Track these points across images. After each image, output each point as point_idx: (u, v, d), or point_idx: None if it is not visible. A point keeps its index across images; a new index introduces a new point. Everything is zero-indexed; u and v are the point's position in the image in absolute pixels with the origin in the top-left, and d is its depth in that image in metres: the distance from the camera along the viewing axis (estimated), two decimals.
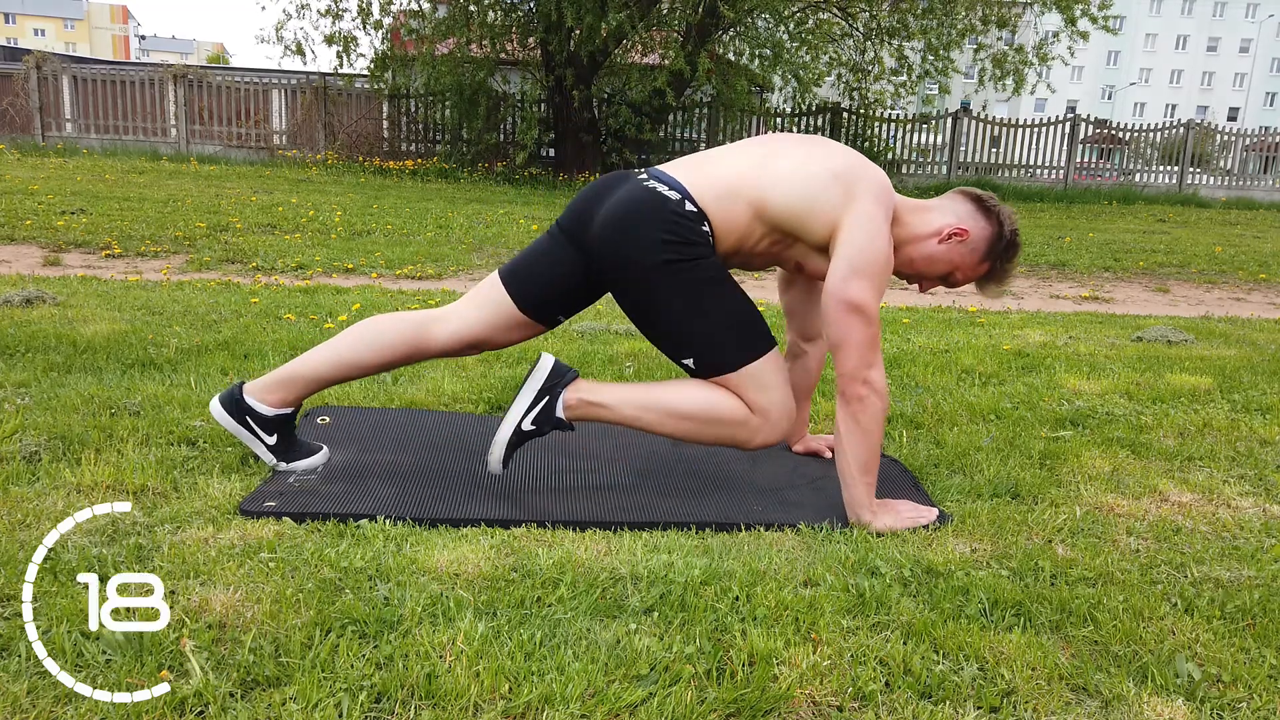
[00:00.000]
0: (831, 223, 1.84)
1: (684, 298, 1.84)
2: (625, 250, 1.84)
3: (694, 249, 1.83)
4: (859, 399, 1.81)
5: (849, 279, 1.80)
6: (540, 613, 1.39)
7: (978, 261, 1.97)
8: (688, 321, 1.86)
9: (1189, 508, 1.99)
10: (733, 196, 1.85)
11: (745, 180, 1.86)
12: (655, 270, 1.82)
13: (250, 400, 1.93)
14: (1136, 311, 5.24)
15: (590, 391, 1.92)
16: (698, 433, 1.91)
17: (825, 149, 1.92)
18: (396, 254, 5.78)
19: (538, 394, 1.91)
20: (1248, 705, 1.27)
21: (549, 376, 1.91)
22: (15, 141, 13.03)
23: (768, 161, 1.88)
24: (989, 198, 1.98)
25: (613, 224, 1.85)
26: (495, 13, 12.26)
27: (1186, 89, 63.88)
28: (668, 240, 1.81)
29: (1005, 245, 1.96)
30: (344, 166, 12.73)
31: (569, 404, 1.90)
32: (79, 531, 1.55)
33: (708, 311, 1.85)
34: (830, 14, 13.68)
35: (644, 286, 1.85)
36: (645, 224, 1.82)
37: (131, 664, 1.20)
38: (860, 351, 1.80)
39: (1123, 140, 15.92)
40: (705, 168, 1.91)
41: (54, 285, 3.99)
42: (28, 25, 76.49)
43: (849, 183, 1.85)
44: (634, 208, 1.84)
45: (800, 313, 2.22)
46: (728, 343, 1.87)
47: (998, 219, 1.95)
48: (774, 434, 1.90)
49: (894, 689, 1.26)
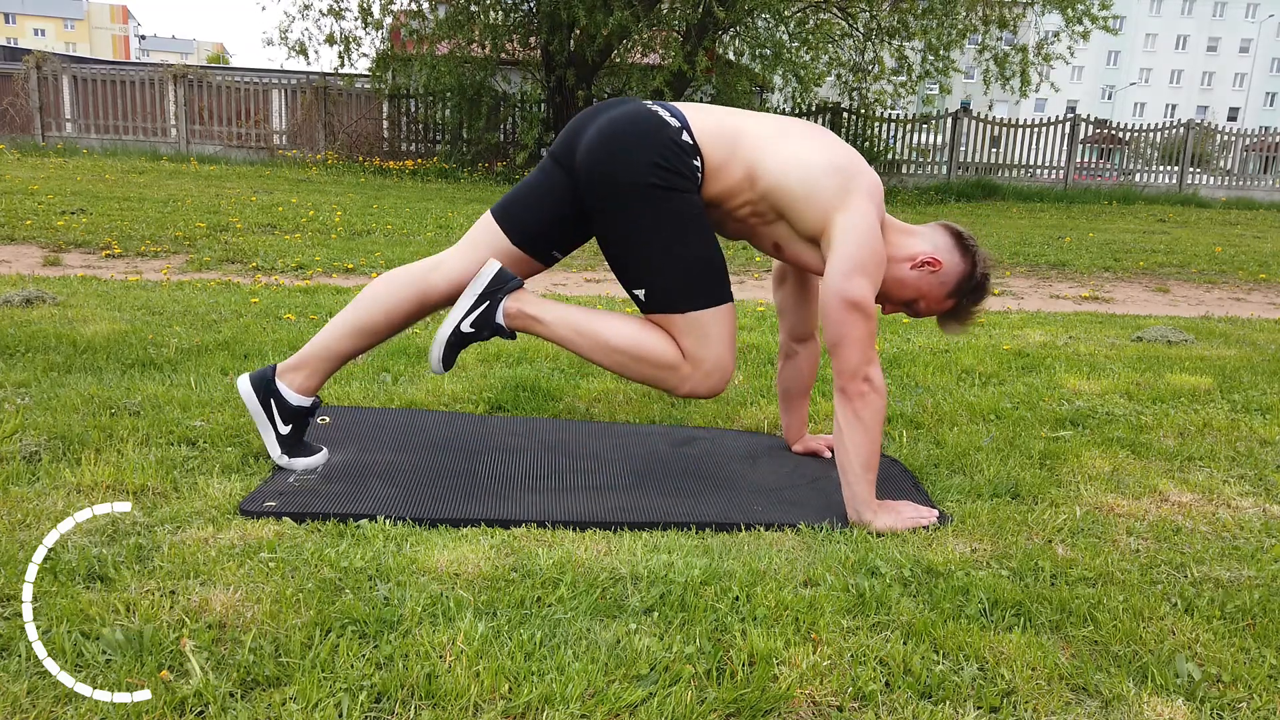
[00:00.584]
0: (824, 214, 1.85)
1: (657, 228, 1.83)
2: (611, 166, 1.82)
3: (682, 180, 1.82)
4: (860, 395, 1.82)
5: (849, 276, 1.81)
6: (540, 613, 1.39)
7: (944, 295, 1.99)
8: (653, 253, 1.85)
9: (1189, 508, 1.99)
10: (731, 148, 1.86)
11: (750, 141, 1.87)
12: (637, 191, 1.81)
13: (280, 384, 1.95)
14: (1136, 311, 5.24)
15: (531, 304, 1.92)
16: (625, 367, 1.92)
17: (832, 142, 1.93)
18: (396, 254, 5.78)
19: (479, 297, 1.90)
20: (1248, 705, 1.27)
21: (492, 281, 1.91)
22: (15, 141, 13.03)
23: (779, 136, 1.89)
24: (969, 237, 2.00)
25: (604, 139, 1.85)
26: (496, 13, 12.27)
27: (1186, 89, 63.88)
28: (658, 165, 1.80)
29: (974, 286, 1.98)
30: (344, 166, 12.74)
31: (509, 312, 1.91)
32: (79, 531, 1.55)
33: (676, 249, 1.84)
34: (830, 14, 13.69)
35: (621, 206, 1.84)
36: (638, 143, 1.82)
37: (131, 664, 1.20)
38: (860, 348, 1.81)
39: (1123, 140, 15.91)
40: (715, 113, 1.92)
41: (54, 285, 3.99)
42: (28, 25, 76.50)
43: (848, 178, 1.86)
44: (629, 126, 1.84)
45: (792, 312, 2.22)
46: (685, 284, 1.86)
47: (973, 259, 1.98)
48: (703, 385, 1.90)
49: (894, 689, 1.26)
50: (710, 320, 1.88)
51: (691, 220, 1.85)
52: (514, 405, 2.57)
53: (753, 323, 4.00)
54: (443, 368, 1.94)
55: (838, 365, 1.83)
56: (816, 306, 2.23)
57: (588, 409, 2.60)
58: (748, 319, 4.11)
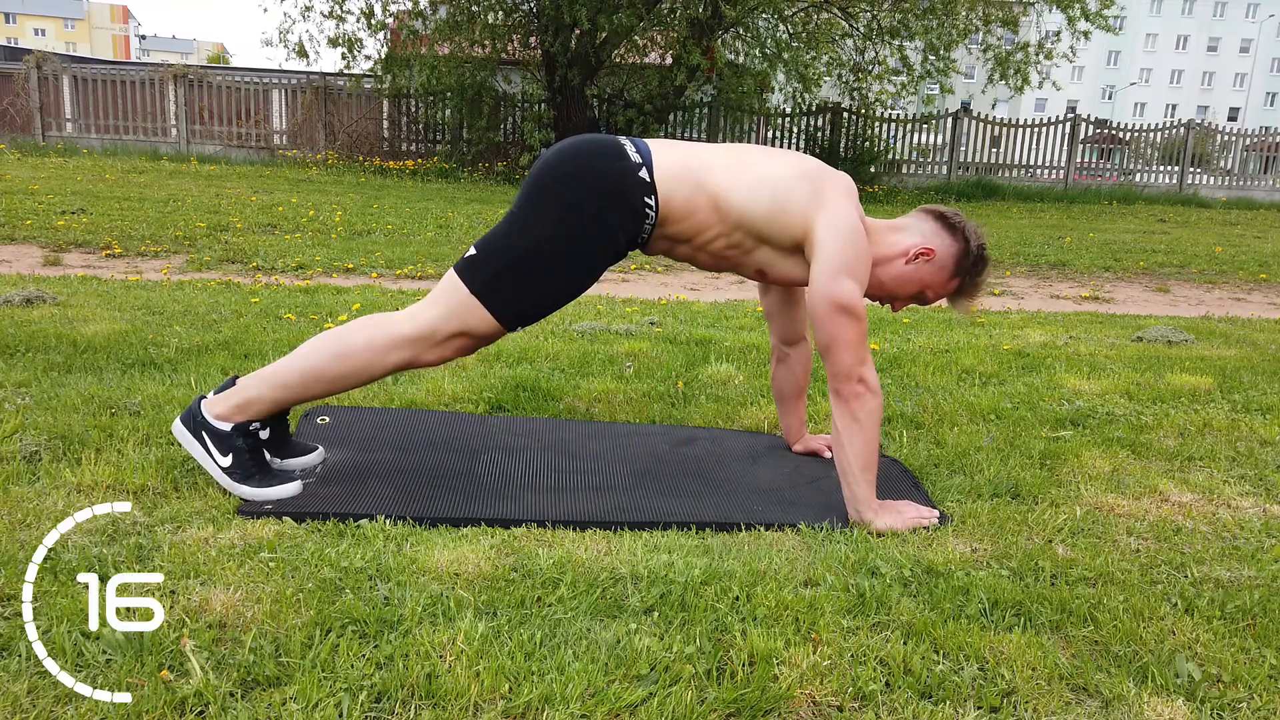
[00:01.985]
0: (803, 222, 1.85)
1: (540, 228, 1.79)
2: (554, 168, 1.82)
3: (612, 214, 1.79)
4: (856, 396, 1.82)
5: (836, 278, 1.81)
6: (540, 613, 1.39)
7: (947, 279, 1.98)
8: (514, 240, 1.81)
9: (1189, 508, 1.99)
10: (696, 185, 1.85)
11: (715, 175, 1.86)
12: (557, 198, 1.79)
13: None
14: (1137, 311, 5.24)
15: (233, 395, 1.84)
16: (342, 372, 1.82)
17: (796, 157, 1.94)
18: (397, 254, 5.78)
19: (199, 441, 1.82)
20: (1248, 705, 1.27)
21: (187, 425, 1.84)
22: (15, 141, 13.03)
23: (742, 166, 1.89)
24: (953, 215, 1.99)
25: (560, 150, 1.85)
26: (497, 13, 12.27)
27: (1187, 89, 63.87)
28: (596, 188, 1.79)
29: (973, 261, 1.97)
30: (344, 166, 12.74)
31: (220, 415, 1.82)
32: (79, 531, 1.55)
33: (533, 255, 1.80)
34: (831, 14, 13.69)
35: (535, 198, 1.81)
36: (590, 160, 1.82)
37: (131, 664, 1.20)
38: (853, 350, 1.81)
39: (1123, 140, 15.91)
40: (678, 150, 1.91)
41: (54, 285, 3.99)
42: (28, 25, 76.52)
43: (818, 181, 1.87)
44: (590, 145, 1.85)
45: (780, 317, 2.22)
46: (502, 277, 1.80)
47: (963, 235, 1.96)
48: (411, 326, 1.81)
49: (894, 689, 1.26)
50: (477, 316, 1.81)
51: (574, 253, 1.81)
52: (514, 405, 2.57)
53: (752, 323, 4.00)
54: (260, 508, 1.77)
55: (831, 368, 1.83)
56: (804, 309, 2.23)
57: (588, 409, 2.60)
58: (747, 319, 4.11)
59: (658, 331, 3.67)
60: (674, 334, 3.62)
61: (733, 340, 3.53)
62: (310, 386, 1.83)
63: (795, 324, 2.23)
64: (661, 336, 3.56)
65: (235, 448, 1.81)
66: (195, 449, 1.83)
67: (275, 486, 1.80)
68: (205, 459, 1.82)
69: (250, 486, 1.79)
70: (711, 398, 2.75)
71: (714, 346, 3.40)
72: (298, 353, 1.85)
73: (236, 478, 1.80)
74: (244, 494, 1.79)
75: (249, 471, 1.81)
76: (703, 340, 3.51)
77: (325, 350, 1.83)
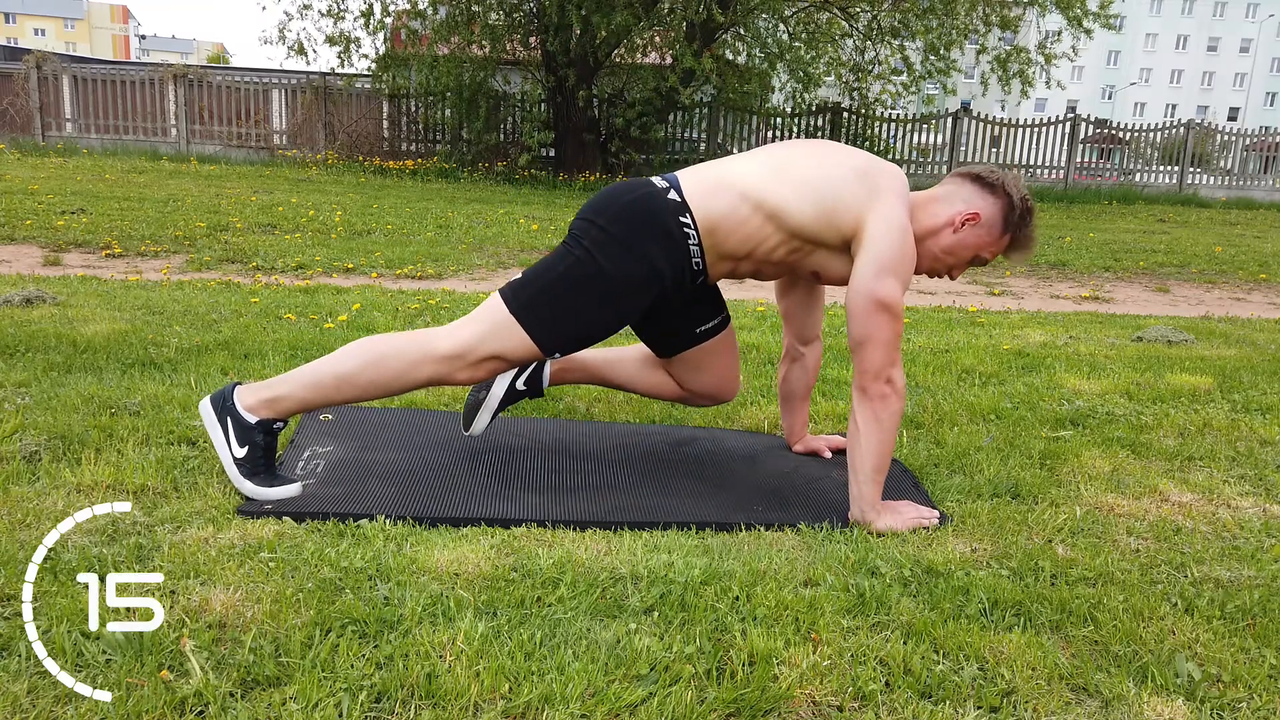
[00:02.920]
0: (855, 219, 1.83)
1: (580, 266, 1.82)
2: (590, 206, 1.88)
3: (648, 240, 1.82)
4: (881, 397, 1.81)
5: (880, 276, 1.79)
6: (540, 613, 1.39)
7: (998, 237, 1.95)
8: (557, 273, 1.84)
9: (1189, 508, 1.99)
10: (739, 196, 1.84)
11: (754, 184, 1.85)
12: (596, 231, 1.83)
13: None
14: (1136, 311, 5.24)
15: (263, 389, 1.85)
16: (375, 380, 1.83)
17: (837, 150, 1.92)
18: (396, 254, 5.78)
19: (221, 425, 1.83)
20: (1248, 705, 1.27)
21: (214, 409, 1.84)
22: (15, 141, 13.03)
23: (783, 170, 1.87)
24: (988, 173, 1.95)
25: (597, 194, 1.92)
26: (497, 13, 12.27)
27: (1186, 89, 63.87)
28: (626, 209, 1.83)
29: (1020, 214, 1.93)
30: (344, 166, 12.73)
31: (249, 406, 1.83)
32: (79, 531, 1.55)
33: (573, 286, 1.82)
34: (831, 14, 13.69)
35: (581, 234, 1.85)
36: (620, 192, 1.87)
37: (131, 664, 1.20)
38: (886, 350, 1.80)
39: (1123, 140, 15.91)
40: (708, 167, 1.92)
41: (54, 285, 3.99)
42: (28, 25, 76.51)
43: (872, 179, 1.85)
44: (620, 185, 1.91)
45: (798, 317, 2.22)
46: (543, 302, 1.82)
47: (1004, 191, 1.93)
48: (449, 344, 1.81)
49: (894, 689, 1.26)
50: (515, 338, 1.82)
51: (611, 279, 1.82)
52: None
53: (753, 322, 4.00)
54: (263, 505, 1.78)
55: (861, 365, 1.82)
56: (822, 310, 2.23)
57: (588, 409, 2.60)
58: (747, 319, 4.11)
59: None
60: None
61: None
62: (341, 389, 1.84)
63: (813, 324, 2.22)
64: None
65: (253, 441, 1.82)
66: (215, 431, 1.84)
67: (277, 487, 1.80)
68: (222, 444, 1.83)
69: (254, 484, 1.79)
70: None
71: None
72: (334, 355, 1.86)
73: (244, 471, 1.81)
74: (246, 489, 1.79)
75: (257, 468, 1.82)
76: None
77: (361, 355, 1.84)
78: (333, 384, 1.83)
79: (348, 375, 1.83)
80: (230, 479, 1.81)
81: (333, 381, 1.83)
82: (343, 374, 1.83)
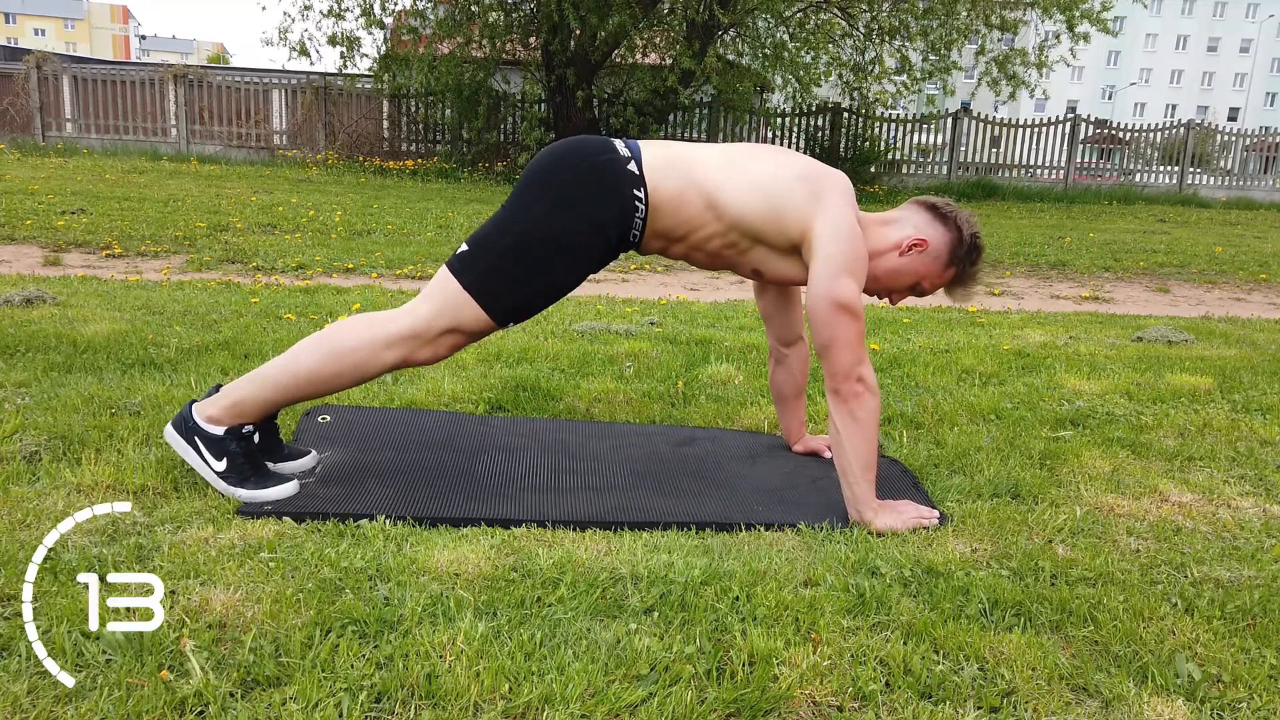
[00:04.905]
0: (800, 222, 1.85)
1: (530, 223, 1.81)
2: (547, 163, 1.84)
3: (604, 207, 1.81)
4: (855, 395, 1.82)
5: (836, 278, 1.81)
6: (540, 613, 1.39)
7: (942, 269, 1.98)
8: (506, 234, 1.81)
9: (1189, 508, 1.99)
10: (686, 179, 1.85)
11: (706, 172, 1.87)
12: (549, 189, 1.81)
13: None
14: (1137, 311, 5.24)
15: (222, 397, 1.83)
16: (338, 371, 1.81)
17: (789, 156, 1.94)
18: (397, 254, 5.78)
19: (192, 447, 1.81)
20: (1248, 705, 1.27)
21: (179, 431, 1.82)
22: (15, 141, 13.03)
23: (735, 165, 1.89)
24: (944, 204, 1.99)
25: (551, 147, 1.87)
26: (497, 14, 12.27)
27: (1186, 89, 63.86)
28: (586, 177, 1.80)
29: (967, 249, 1.97)
30: (344, 166, 12.74)
31: (212, 418, 1.81)
32: (79, 531, 1.55)
33: (523, 249, 1.81)
34: (831, 14, 13.69)
35: (526, 190, 1.83)
36: (579, 152, 1.84)
37: (131, 664, 1.20)
38: (852, 349, 1.81)
39: (1123, 140, 15.92)
40: (668, 147, 1.92)
41: (54, 285, 3.99)
42: (28, 25, 76.51)
43: (815, 184, 1.87)
44: (580, 142, 1.87)
45: (777, 318, 2.23)
46: (493, 272, 1.81)
47: (955, 225, 1.96)
48: (404, 322, 1.80)
49: (894, 689, 1.26)
50: (468, 311, 1.81)
51: (566, 246, 1.82)
52: (514, 405, 2.57)
53: (753, 323, 4.00)
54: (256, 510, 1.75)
55: (829, 367, 1.83)
56: (800, 310, 2.23)
57: (588, 409, 2.60)
58: (747, 319, 4.11)
59: (658, 331, 3.67)
60: (674, 334, 3.62)
61: (733, 340, 3.53)
62: (303, 387, 1.82)
63: (792, 324, 2.23)
64: (661, 336, 3.56)
65: (229, 451, 1.80)
66: (189, 454, 1.82)
67: (272, 488, 1.79)
68: (199, 464, 1.81)
69: (247, 489, 1.78)
70: (711, 398, 2.75)
71: (714, 346, 3.41)
72: (290, 353, 1.83)
73: (233, 481, 1.79)
74: (241, 496, 1.78)
75: (245, 474, 1.80)
76: (703, 340, 3.51)
77: (319, 349, 1.81)
78: (292, 383, 1.81)
79: (309, 371, 1.80)
80: (222, 493, 1.79)
81: (292, 380, 1.81)
82: (303, 370, 1.80)
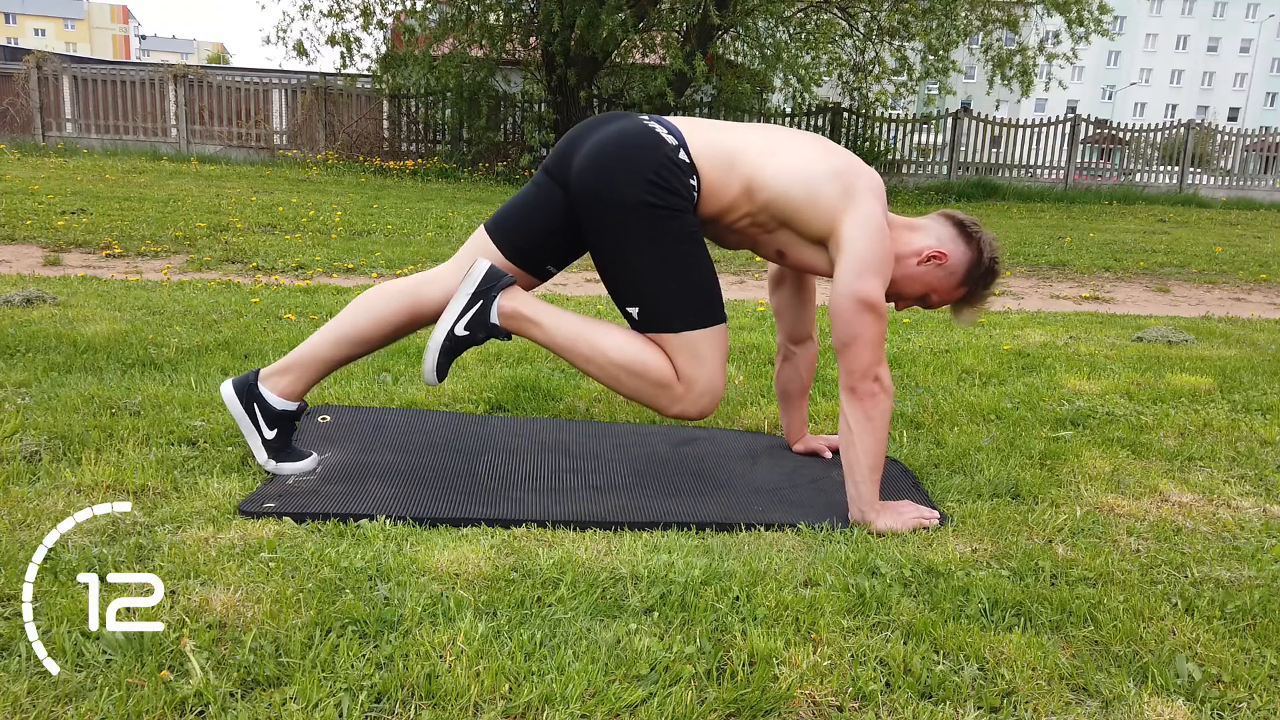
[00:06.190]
0: (830, 218, 1.84)
1: (652, 247, 1.81)
2: (607, 182, 1.81)
3: (677, 199, 1.81)
4: (871, 395, 1.81)
5: (862, 276, 1.80)
6: (540, 613, 1.39)
7: (955, 285, 1.98)
8: (647, 271, 1.83)
9: (1189, 508, 1.99)
10: (729, 164, 1.85)
11: (747, 156, 1.86)
12: (632, 210, 1.79)
13: (263, 388, 1.93)
14: (1137, 311, 5.24)
15: (528, 305, 1.88)
16: (619, 381, 1.88)
17: (828, 148, 1.93)
18: (397, 254, 5.78)
19: (471, 298, 1.86)
20: (1248, 705, 1.27)
21: (483, 280, 1.86)
22: (15, 141, 13.03)
23: (775, 149, 1.89)
24: (971, 223, 1.99)
25: (599, 154, 1.83)
26: (496, 14, 12.27)
27: (1187, 89, 63.86)
28: (653, 182, 1.79)
29: (984, 272, 1.97)
30: (344, 166, 12.74)
31: (504, 311, 1.86)
32: (79, 531, 1.55)
33: (671, 268, 1.83)
34: (831, 14, 13.69)
35: (615, 224, 1.82)
36: (634, 160, 1.81)
37: (131, 664, 1.20)
38: (872, 349, 1.80)
39: (1123, 140, 15.92)
40: (711, 130, 1.91)
41: (54, 285, 3.99)
42: (28, 25, 76.51)
43: (849, 181, 1.86)
44: (626, 141, 1.83)
45: (789, 314, 2.22)
46: (679, 304, 1.85)
47: (978, 245, 1.96)
48: (693, 407, 1.88)
49: (894, 689, 1.26)
50: (703, 341, 1.86)
51: (685, 239, 1.83)
52: (514, 405, 2.57)
53: (753, 323, 4.00)
54: (436, 378, 1.88)
55: (848, 365, 1.82)
56: (813, 308, 2.23)
57: (588, 409, 2.60)
58: (748, 319, 4.11)
59: None
60: None
61: (733, 340, 3.53)
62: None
63: (804, 322, 2.22)
64: None
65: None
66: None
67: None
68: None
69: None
70: None
71: None
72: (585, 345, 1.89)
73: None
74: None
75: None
76: None
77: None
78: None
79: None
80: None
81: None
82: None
